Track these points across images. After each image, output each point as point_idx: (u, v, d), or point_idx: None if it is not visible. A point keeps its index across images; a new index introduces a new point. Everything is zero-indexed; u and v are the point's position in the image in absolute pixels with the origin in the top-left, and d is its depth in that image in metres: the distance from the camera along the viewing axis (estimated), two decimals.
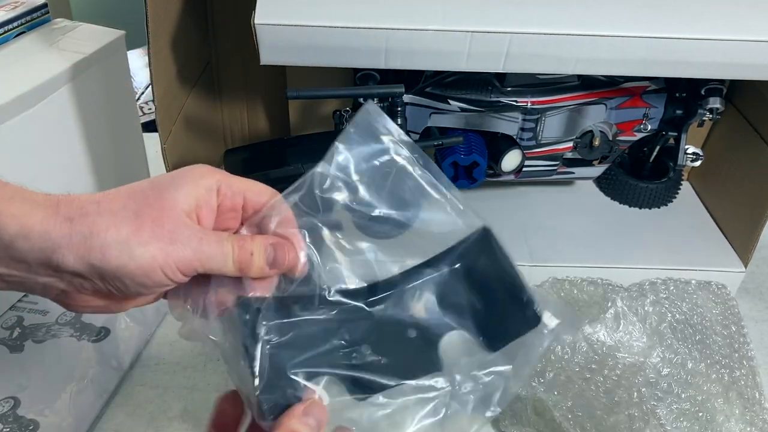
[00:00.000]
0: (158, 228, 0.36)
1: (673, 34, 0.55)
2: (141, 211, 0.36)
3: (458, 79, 0.68)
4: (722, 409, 0.51)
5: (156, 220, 0.36)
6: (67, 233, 0.35)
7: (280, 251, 0.39)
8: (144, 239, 0.35)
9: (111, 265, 0.35)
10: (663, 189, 0.79)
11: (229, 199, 0.40)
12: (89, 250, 0.35)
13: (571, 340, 0.50)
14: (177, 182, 0.38)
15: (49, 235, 0.35)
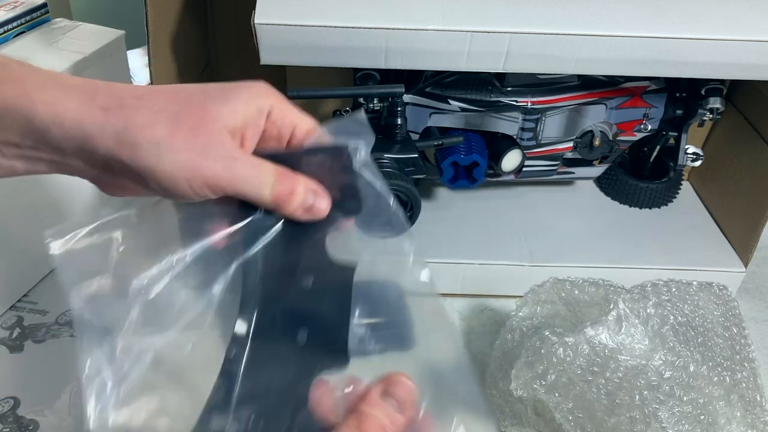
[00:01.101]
0: (193, 138, 0.34)
1: (673, 34, 0.55)
2: (181, 115, 0.35)
3: (458, 79, 0.68)
4: (724, 412, 0.51)
5: (193, 129, 0.34)
6: (101, 124, 0.34)
7: (319, 200, 0.38)
8: (175, 146, 0.34)
9: (139, 165, 0.34)
10: (663, 189, 0.79)
11: (277, 128, 0.38)
12: (120, 145, 0.34)
13: (573, 342, 0.50)
14: (228, 95, 0.36)
15: (82, 123, 0.34)
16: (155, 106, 0.35)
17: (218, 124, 0.35)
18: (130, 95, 0.35)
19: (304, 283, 0.38)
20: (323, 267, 0.39)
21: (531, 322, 0.60)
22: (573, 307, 0.59)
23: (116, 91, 0.35)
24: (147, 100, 0.35)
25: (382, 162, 0.57)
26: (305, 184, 0.38)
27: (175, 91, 0.36)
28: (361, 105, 0.66)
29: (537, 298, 0.61)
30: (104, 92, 0.35)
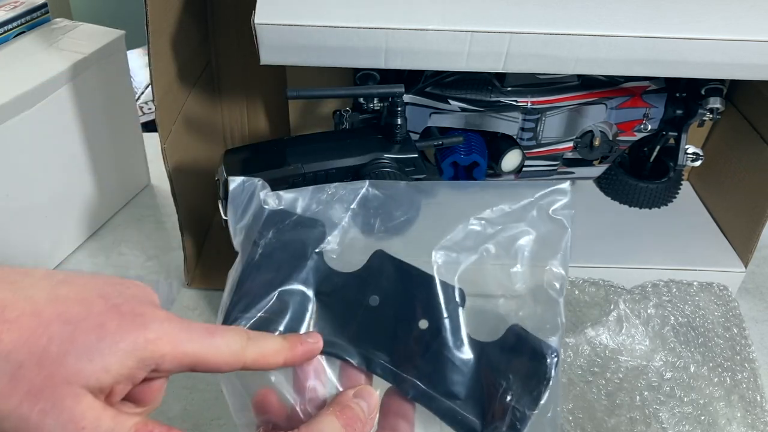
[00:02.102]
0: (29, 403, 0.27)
1: (673, 34, 0.55)
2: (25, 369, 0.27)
3: (458, 79, 0.68)
4: (724, 413, 0.51)
5: (33, 392, 0.27)
6: None
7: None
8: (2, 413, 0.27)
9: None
10: (663, 189, 0.79)
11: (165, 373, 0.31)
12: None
13: (574, 343, 0.50)
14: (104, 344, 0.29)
15: None
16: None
17: (74, 386, 0.28)
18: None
19: None
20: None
21: None
22: (573, 307, 0.59)
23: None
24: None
25: (381, 162, 0.57)
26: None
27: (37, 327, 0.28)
28: (361, 105, 0.66)
29: None
30: None
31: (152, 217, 0.83)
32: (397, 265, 0.39)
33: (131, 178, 0.86)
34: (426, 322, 0.38)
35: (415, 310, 0.38)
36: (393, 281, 0.39)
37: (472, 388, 0.38)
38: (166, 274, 0.75)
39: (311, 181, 0.56)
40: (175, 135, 0.66)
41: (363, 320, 0.39)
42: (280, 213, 0.39)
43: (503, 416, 0.37)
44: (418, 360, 0.38)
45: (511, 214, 0.39)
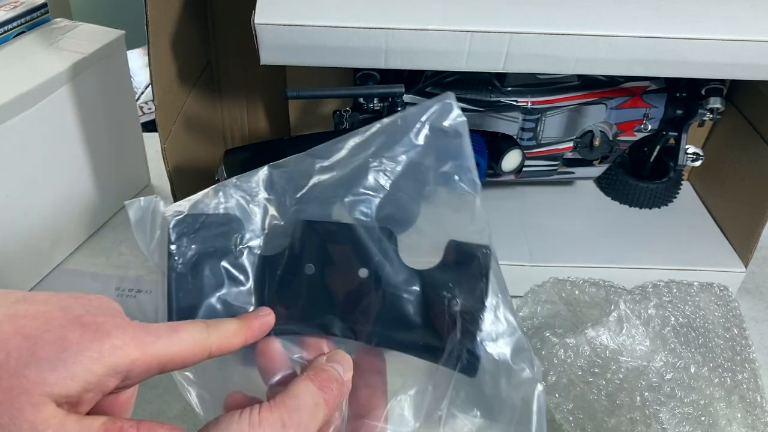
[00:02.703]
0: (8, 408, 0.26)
1: (673, 34, 0.55)
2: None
3: (458, 79, 0.68)
4: (724, 413, 0.51)
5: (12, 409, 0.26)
6: None
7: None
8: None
9: None
10: (663, 189, 0.79)
11: (135, 380, 0.31)
12: None
13: (574, 344, 0.50)
14: (69, 352, 0.28)
15: None
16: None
17: (34, 395, 0.27)
18: None
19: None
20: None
21: (531, 322, 0.60)
22: (573, 307, 0.59)
23: None
24: None
25: None
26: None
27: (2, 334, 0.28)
28: (361, 105, 0.66)
29: (537, 298, 0.61)
30: None
31: None
32: (319, 227, 0.39)
33: (131, 178, 0.86)
34: (365, 270, 0.38)
35: (350, 263, 0.39)
36: (321, 244, 0.39)
37: (426, 314, 0.39)
38: None
39: None
40: (175, 135, 0.66)
41: (305, 291, 0.39)
42: (186, 219, 0.38)
43: (456, 326, 0.38)
44: (369, 308, 0.38)
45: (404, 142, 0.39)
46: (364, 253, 0.39)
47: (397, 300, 0.39)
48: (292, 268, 0.39)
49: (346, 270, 0.39)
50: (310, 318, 0.39)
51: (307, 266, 0.39)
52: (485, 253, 0.40)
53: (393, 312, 0.39)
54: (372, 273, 0.39)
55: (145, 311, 0.68)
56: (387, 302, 0.38)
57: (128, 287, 0.71)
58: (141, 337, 0.31)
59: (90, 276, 0.72)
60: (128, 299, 0.70)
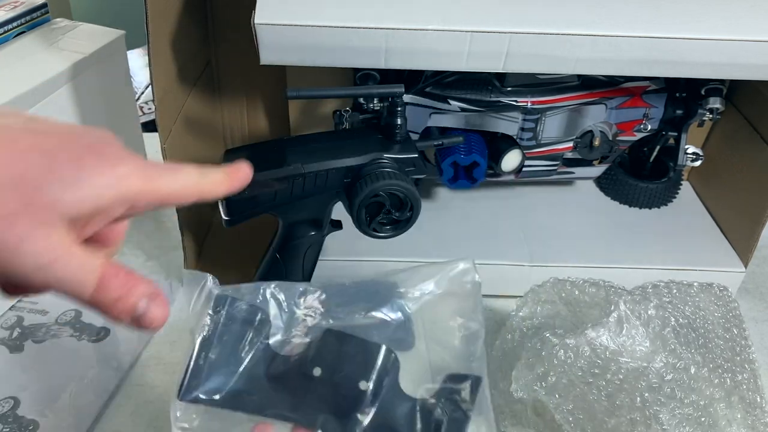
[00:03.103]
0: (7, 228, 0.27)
1: (673, 34, 0.55)
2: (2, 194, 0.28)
3: (458, 79, 0.68)
4: (724, 414, 0.51)
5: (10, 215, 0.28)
6: None
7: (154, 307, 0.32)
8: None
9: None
10: (663, 189, 0.79)
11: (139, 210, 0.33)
12: None
13: (574, 344, 0.50)
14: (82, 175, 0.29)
15: None
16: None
17: (53, 213, 0.28)
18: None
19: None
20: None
21: (531, 322, 0.60)
22: (573, 307, 0.59)
23: None
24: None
25: (381, 162, 0.57)
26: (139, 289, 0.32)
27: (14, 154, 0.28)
28: (361, 105, 0.66)
29: (537, 298, 0.61)
30: None
31: (152, 217, 0.83)
32: (335, 336, 0.44)
33: None
34: (365, 383, 0.43)
35: (355, 374, 0.43)
36: (333, 352, 0.44)
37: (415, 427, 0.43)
38: (166, 274, 0.75)
39: (311, 180, 0.56)
40: (175, 135, 0.66)
41: (308, 389, 0.43)
42: (226, 298, 0.44)
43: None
44: (363, 418, 0.42)
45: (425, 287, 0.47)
46: (369, 368, 0.43)
47: (389, 417, 0.43)
48: (302, 367, 0.44)
49: (348, 379, 0.43)
50: (306, 413, 0.43)
51: (316, 368, 0.43)
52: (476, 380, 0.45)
53: (383, 424, 0.42)
54: (372, 388, 0.43)
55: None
56: (379, 417, 0.42)
57: None
58: (148, 170, 0.32)
59: None
60: None
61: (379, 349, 0.43)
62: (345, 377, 0.43)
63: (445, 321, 0.47)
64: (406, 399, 0.44)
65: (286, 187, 0.56)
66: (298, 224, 0.59)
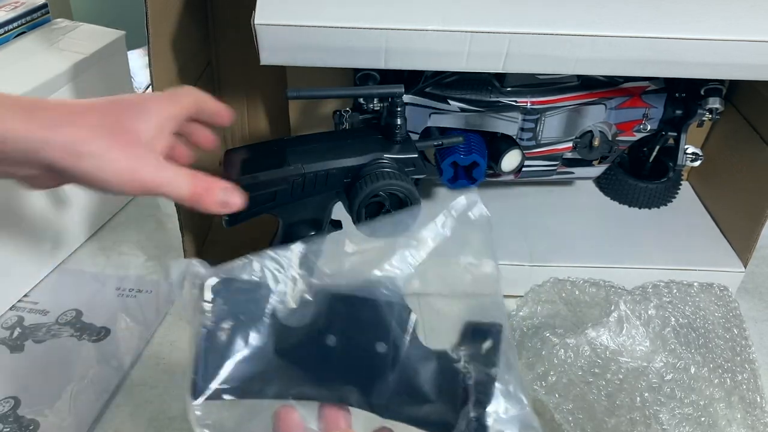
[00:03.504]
0: (128, 150, 0.43)
1: (672, 34, 0.55)
2: (115, 131, 0.43)
3: (458, 79, 0.68)
4: (724, 414, 0.51)
5: (127, 143, 0.43)
6: (45, 139, 0.41)
7: (231, 195, 0.48)
8: (114, 157, 0.43)
9: (82, 171, 0.42)
10: (663, 189, 0.79)
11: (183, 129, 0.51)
12: (66, 156, 0.41)
13: (574, 344, 0.50)
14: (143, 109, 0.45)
15: (27, 140, 0.41)
16: (91, 122, 0.43)
17: (142, 136, 0.44)
18: (66, 112, 0.43)
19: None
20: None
21: (531, 321, 0.60)
22: (573, 307, 0.59)
23: (53, 108, 0.43)
24: (80, 117, 0.43)
25: (381, 162, 0.57)
26: (219, 184, 0.48)
27: (101, 109, 0.44)
28: (361, 105, 0.66)
29: (537, 298, 0.61)
30: (42, 110, 0.42)
31: (152, 217, 0.83)
32: (344, 300, 0.42)
33: None
34: (383, 344, 0.41)
35: (370, 337, 0.41)
36: (344, 317, 0.42)
37: (440, 390, 0.41)
38: (166, 274, 0.75)
39: (311, 181, 0.56)
40: None
41: (326, 361, 0.41)
42: (222, 282, 0.41)
43: (468, 401, 0.40)
44: (385, 382, 0.40)
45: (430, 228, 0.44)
46: (384, 328, 0.41)
47: (412, 376, 0.40)
48: (315, 338, 0.41)
49: (365, 344, 0.41)
50: (328, 387, 0.41)
51: (330, 337, 0.41)
52: (498, 331, 0.42)
53: (407, 387, 0.40)
54: (390, 348, 0.41)
55: (145, 311, 0.68)
56: (402, 378, 0.40)
57: (128, 287, 0.72)
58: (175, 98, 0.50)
59: (90, 276, 0.73)
60: (128, 299, 0.70)
61: (392, 307, 0.41)
62: (361, 342, 0.41)
63: (456, 264, 0.44)
64: (427, 355, 0.41)
65: (287, 187, 0.56)
66: (297, 224, 0.59)
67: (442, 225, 0.44)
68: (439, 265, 0.44)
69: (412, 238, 0.43)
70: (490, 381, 0.40)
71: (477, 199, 0.44)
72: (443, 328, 0.43)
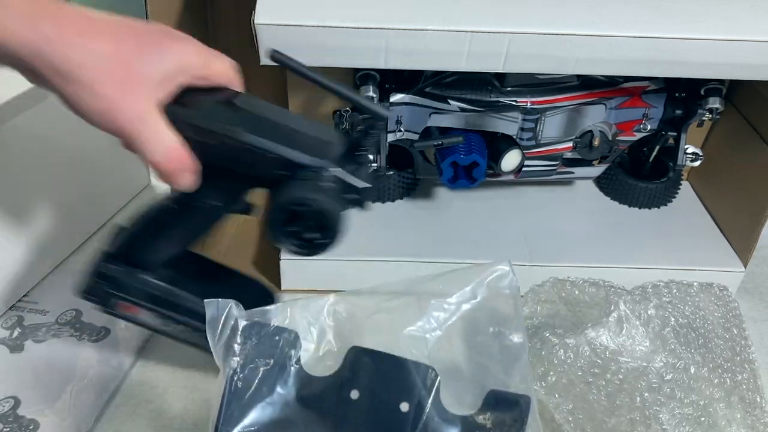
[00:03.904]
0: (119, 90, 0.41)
1: (672, 34, 0.55)
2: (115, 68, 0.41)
3: (458, 79, 0.68)
4: (724, 414, 0.51)
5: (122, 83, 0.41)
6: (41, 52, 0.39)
7: (190, 180, 0.46)
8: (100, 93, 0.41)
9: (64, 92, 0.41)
10: (662, 189, 0.79)
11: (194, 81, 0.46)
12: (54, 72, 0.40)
13: (574, 344, 0.50)
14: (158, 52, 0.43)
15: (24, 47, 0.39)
16: (96, 50, 0.41)
17: (146, 79, 0.42)
18: (75, 29, 0.40)
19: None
20: None
21: (531, 321, 0.60)
22: (573, 306, 0.59)
23: (61, 18, 0.40)
24: (89, 39, 0.41)
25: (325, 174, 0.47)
26: (191, 167, 0.45)
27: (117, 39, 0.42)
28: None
29: (537, 298, 0.61)
30: (50, 19, 0.40)
31: None
32: (371, 356, 0.42)
33: (131, 178, 0.86)
34: (407, 404, 0.41)
35: (394, 395, 0.41)
36: (370, 372, 0.42)
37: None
38: None
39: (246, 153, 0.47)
40: None
41: (347, 414, 0.42)
42: (255, 325, 0.42)
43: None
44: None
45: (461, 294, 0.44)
46: (408, 388, 0.41)
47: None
48: (338, 390, 0.42)
49: (388, 401, 0.41)
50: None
51: (353, 392, 0.42)
52: (526, 403, 0.42)
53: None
54: (412, 408, 0.41)
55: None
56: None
57: None
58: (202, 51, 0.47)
59: None
60: None
61: (418, 367, 0.41)
62: (384, 399, 0.41)
63: (485, 331, 0.45)
64: (450, 419, 0.41)
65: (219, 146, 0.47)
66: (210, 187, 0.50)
67: (473, 291, 0.44)
68: (468, 330, 0.44)
69: (443, 302, 0.44)
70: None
71: (509, 269, 0.45)
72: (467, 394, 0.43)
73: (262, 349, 0.42)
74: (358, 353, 0.42)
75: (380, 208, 0.78)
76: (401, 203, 0.79)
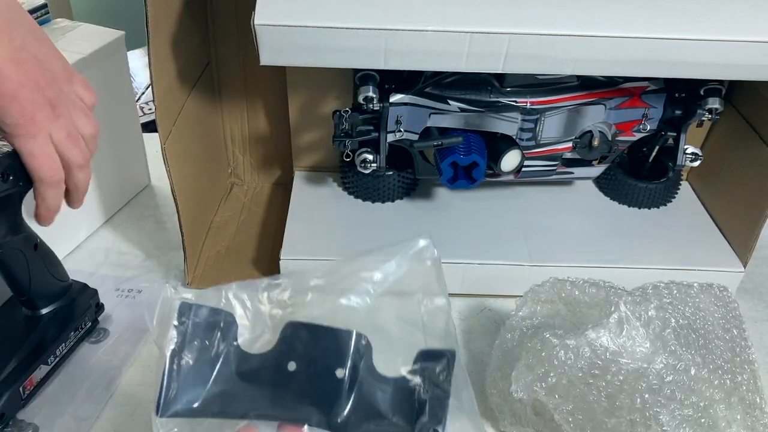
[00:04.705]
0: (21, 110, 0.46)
1: (671, 35, 0.55)
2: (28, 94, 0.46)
3: (458, 79, 0.68)
4: (724, 415, 0.51)
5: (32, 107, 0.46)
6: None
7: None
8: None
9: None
10: (662, 189, 0.79)
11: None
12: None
13: (574, 345, 0.50)
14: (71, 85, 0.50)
15: None
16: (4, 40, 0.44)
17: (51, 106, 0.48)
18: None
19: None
20: None
21: (531, 321, 0.60)
22: (573, 307, 0.59)
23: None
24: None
25: None
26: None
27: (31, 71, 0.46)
28: (361, 105, 0.66)
29: (537, 298, 0.61)
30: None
31: (152, 217, 0.83)
32: (306, 329, 0.44)
33: (131, 178, 0.86)
34: (342, 370, 0.43)
35: (330, 363, 0.43)
36: (305, 344, 0.44)
37: (396, 406, 0.44)
38: (166, 273, 0.75)
39: None
40: (175, 135, 0.66)
41: (286, 385, 0.44)
42: (191, 306, 0.44)
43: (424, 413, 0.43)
44: (344, 404, 0.43)
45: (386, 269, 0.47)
46: (343, 355, 0.43)
47: (370, 397, 0.44)
48: (276, 363, 0.44)
49: (324, 369, 0.43)
50: (289, 408, 0.43)
51: (290, 363, 0.44)
52: (451, 355, 0.45)
53: (365, 407, 0.43)
54: (347, 373, 0.43)
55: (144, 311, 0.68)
56: (360, 399, 0.43)
57: (128, 287, 0.72)
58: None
59: (89, 275, 0.72)
60: (127, 299, 0.70)
61: (350, 335, 0.44)
62: (320, 368, 0.43)
63: (411, 299, 0.48)
64: (383, 380, 0.44)
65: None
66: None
67: (397, 264, 0.47)
68: (395, 299, 0.47)
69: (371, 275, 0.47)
70: (444, 397, 0.44)
71: (429, 242, 0.48)
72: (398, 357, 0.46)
73: (200, 330, 0.43)
74: (294, 327, 0.44)
75: (380, 208, 0.78)
76: (401, 203, 0.79)
